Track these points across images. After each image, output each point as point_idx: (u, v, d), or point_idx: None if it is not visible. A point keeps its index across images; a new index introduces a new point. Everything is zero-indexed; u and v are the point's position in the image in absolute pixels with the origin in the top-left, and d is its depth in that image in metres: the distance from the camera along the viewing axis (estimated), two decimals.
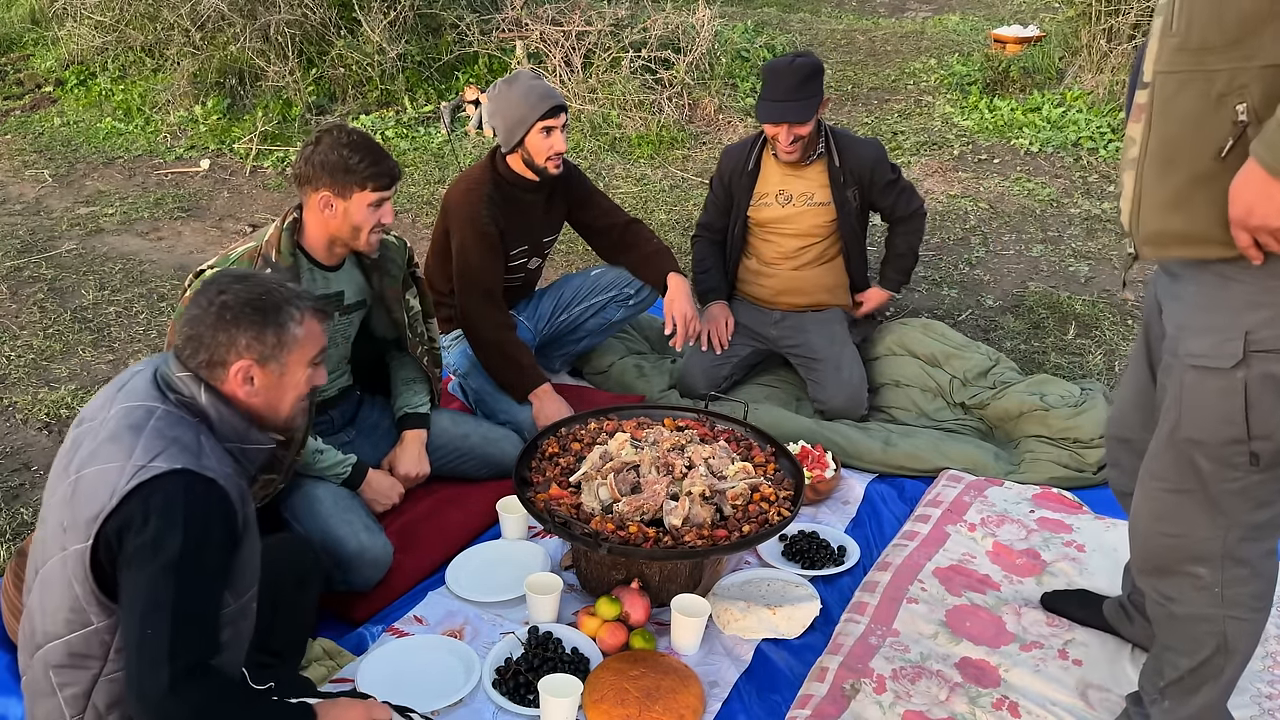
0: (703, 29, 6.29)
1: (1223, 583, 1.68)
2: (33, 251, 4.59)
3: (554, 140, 2.91)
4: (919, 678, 2.14)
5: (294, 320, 1.69)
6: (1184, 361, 1.57)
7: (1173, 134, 1.47)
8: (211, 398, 1.64)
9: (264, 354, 1.66)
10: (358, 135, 2.36)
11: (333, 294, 2.49)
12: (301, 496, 2.44)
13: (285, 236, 2.36)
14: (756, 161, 3.21)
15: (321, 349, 1.76)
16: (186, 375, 1.65)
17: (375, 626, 2.31)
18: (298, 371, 1.71)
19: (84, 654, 1.60)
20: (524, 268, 3.16)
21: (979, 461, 2.87)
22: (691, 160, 5.63)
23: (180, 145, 5.96)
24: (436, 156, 5.69)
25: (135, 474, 1.53)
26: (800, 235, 3.22)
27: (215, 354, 1.64)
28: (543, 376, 2.98)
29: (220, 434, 1.65)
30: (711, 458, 2.40)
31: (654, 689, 2.03)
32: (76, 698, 1.61)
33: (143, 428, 1.58)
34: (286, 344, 1.67)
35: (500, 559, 2.51)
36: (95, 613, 1.57)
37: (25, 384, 3.50)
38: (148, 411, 1.61)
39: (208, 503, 1.55)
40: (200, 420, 1.64)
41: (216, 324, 1.64)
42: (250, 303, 1.66)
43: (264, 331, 1.65)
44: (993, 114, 5.98)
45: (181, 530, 1.50)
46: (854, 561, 2.52)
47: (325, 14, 6.30)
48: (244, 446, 1.68)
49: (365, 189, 2.33)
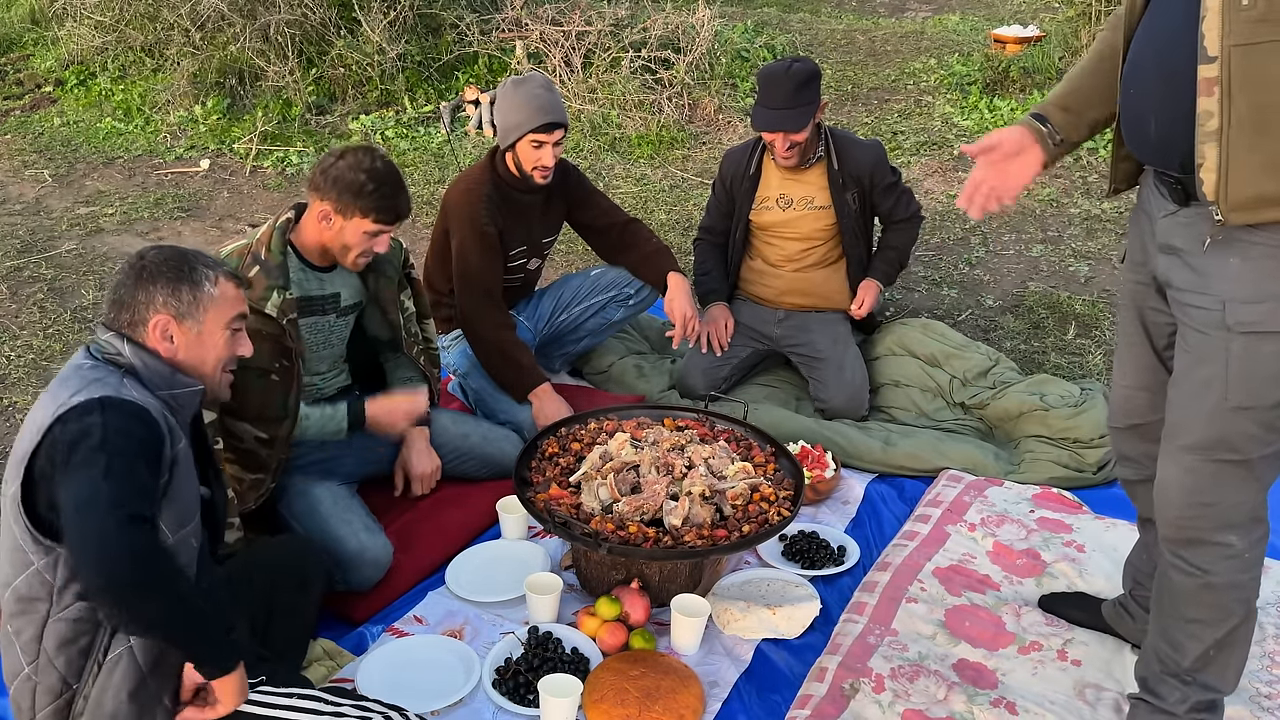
0: (703, 29, 6.29)
1: (1249, 545, 1.75)
2: (33, 251, 4.59)
3: (542, 154, 2.91)
4: (917, 677, 2.14)
5: (208, 280, 1.77)
6: (1234, 331, 1.62)
7: (1266, 101, 1.53)
8: (135, 349, 1.72)
9: (180, 310, 1.73)
10: (383, 165, 2.36)
11: (329, 295, 2.49)
12: (301, 497, 2.44)
13: (277, 235, 2.36)
14: (758, 166, 3.21)
15: (240, 314, 1.82)
16: (111, 335, 1.73)
17: (375, 626, 2.32)
18: (216, 332, 1.78)
19: (30, 597, 1.63)
20: (523, 268, 3.16)
21: (979, 461, 2.87)
22: (691, 160, 5.63)
23: (180, 145, 5.96)
24: (436, 156, 5.69)
25: (57, 410, 1.60)
26: (802, 239, 3.22)
27: (136, 312, 1.73)
28: (543, 376, 2.98)
29: (148, 382, 1.70)
30: (711, 458, 2.41)
31: (654, 689, 2.03)
32: (29, 643, 1.65)
33: (67, 379, 1.67)
34: (201, 301, 1.75)
35: (500, 559, 2.51)
36: (33, 551, 1.61)
37: (25, 384, 3.50)
38: (75, 367, 1.70)
39: (123, 408, 1.61)
40: (126, 372, 1.70)
41: (136, 283, 1.73)
42: (166, 262, 1.75)
43: (179, 287, 1.74)
44: (993, 114, 5.98)
45: (100, 424, 1.56)
46: (854, 561, 2.52)
47: (325, 14, 6.30)
48: (174, 392, 1.73)
49: (367, 218, 2.34)
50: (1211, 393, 1.68)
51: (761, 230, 3.25)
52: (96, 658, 1.66)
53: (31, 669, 1.66)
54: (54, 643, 1.64)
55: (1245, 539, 1.74)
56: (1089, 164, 5.30)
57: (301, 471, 2.49)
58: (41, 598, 1.63)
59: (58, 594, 1.63)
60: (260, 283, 2.29)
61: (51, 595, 1.63)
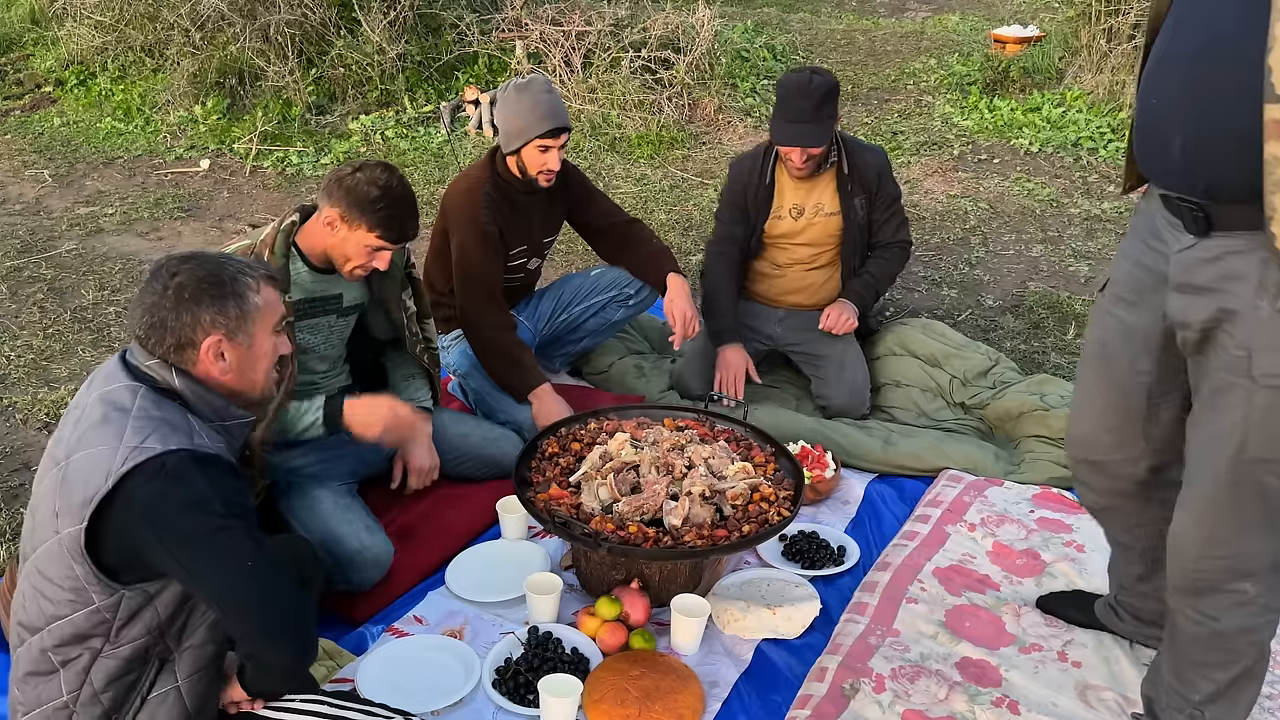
0: (703, 29, 6.29)
1: (1264, 591, 1.68)
2: (33, 251, 4.59)
3: (549, 158, 2.91)
4: (918, 677, 2.14)
5: (251, 289, 1.69)
6: (1260, 383, 1.53)
7: None
8: (185, 380, 1.65)
9: (230, 327, 1.65)
10: (398, 183, 2.35)
11: (331, 295, 2.49)
12: (301, 497, 2.44)
13: (281, 238, 2.36)
14: (771, 175, 3.16)
15: (283, 315, 1.76)
16: (155, 363, 1.65)
17: (375, 626, 2.31)
18: (264, 340, 1.72)
19: (86, 634, 1.61)
20: (523, 268, 3.16)
21: (979, 461, 2.87)
22: (691, 160, 5.63)
23: (180, 145, 5.96)
24: (436, 156, 5.69)
25: (129, 455, 1.53)
26: (811, 244, 3.21)
27: (182, 336, 1.63)
28: (543, 376, 2.98)
29: (201, 415, 1.65)
30: (711, 458, 2.40)
31: (654, 689, 2.03)
32: (76, 675, 1.63)
33: (129, 409, 1.59)
34: (249, 314, 1.68)
35: (500, 559, 2.51)
36: (97, 592, 1.58)
37: (25, 384, 3.50)
38: (130, 391, 1.61)
39: (219, 468, 1.58)
40: (180, 403, 1.64)
41: (177, 305, 1.63)
42: (205, 279, 1.65)
43: (225, 304, 1.65)
44: (993, 114, 5.98)
45: (210, 488, 1.54)
46: (854, 561, 2.52)
47: (325, 14, 6.30)
48: (226, 423, 1.69)
49: (372, 232, 2.33)
50: (1228, 445, 1.59)
51: (773, 238, 3.24)
52: (140, 692, 1.66)
53: (71, 699, 1.64)
54: (103, 678, 1.63)
55: (1260, 585, 1.67)
56: (1089, 164, 5.30)
57: (301, 471, 2.49)
58: (98, 635, 1.61)
59: (115, 633, 1.61)
60: None
61: (109, 633, 1.61)
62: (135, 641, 1.62)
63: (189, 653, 1.68)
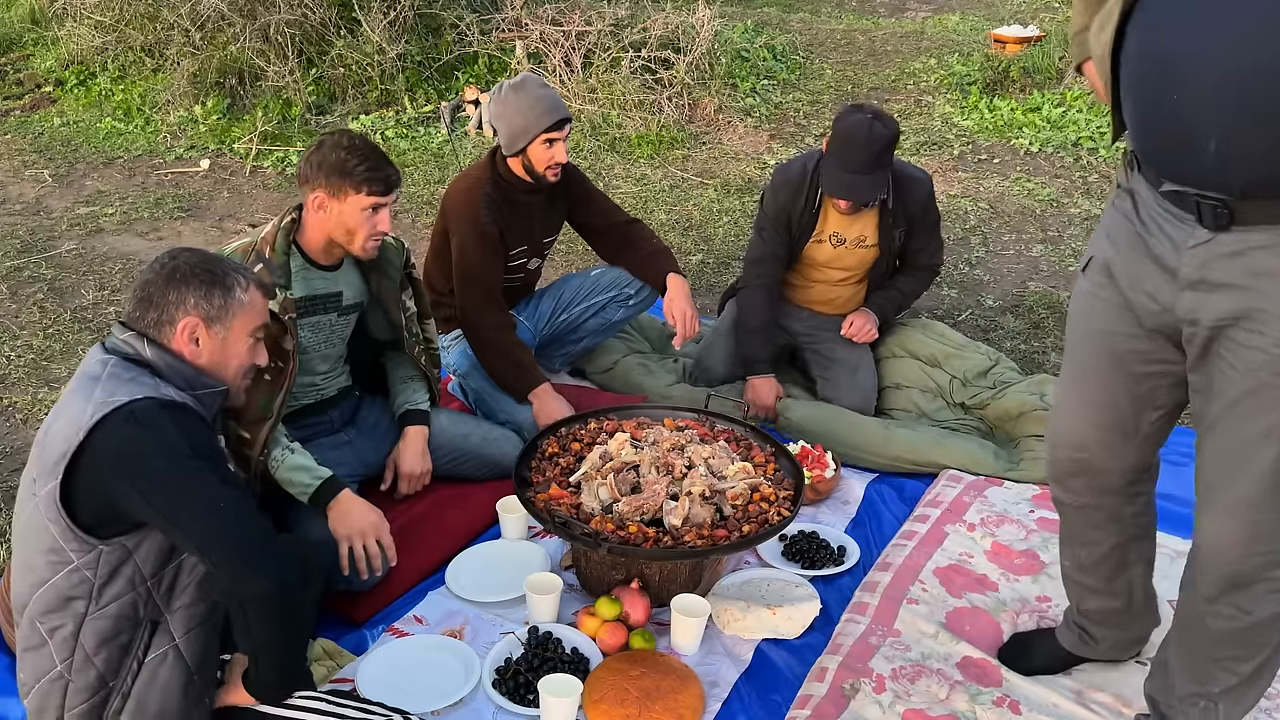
0: (703, 29, 6.29)
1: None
2: (33, 251, 4.59)
3: (556, 151, 2.91)
4: (919, 677, 2.14)
5: (240, 286, 1.77)
6: None
7: None
8: (156, 350, 1.71)
9: (210, 314, 1.74)
10: (360, 140, 2.36)
11: (331, 293, 2.49)
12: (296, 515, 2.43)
13: (281, 235, 2.36)
14: (819, 201, 3.08)
15: (264, 323, 1.83)
16: (130, 335, 1.72)
17: (375, 626, 2.32)
18: (240, 340, 1.78)
19: (69, 595, 1.63)
20: (524, 268, 3.16)
21: (978, 458, 2.87)
22: (691, 160, 5.63)
23: (180, 145, 5.96)
24: (436, 156, 5.69)
25: (98, 409, 1.59)
26: (845, 269, 3.22)
27: (165, 312, 1.72)
28: (542, 376, 2.98)
29: (174, 383, 1.70)
30: (711, 458, 2.40)
31: (654, 689, 2.03)
32: (65, 640, 1.65)
33: (99, 376, 1.65)
34: (232, 308, 1.76)
35: (500, 559, 2.51)
36: (75, 549, 1.61)
37: (25, 384, 3.50)
38: (101, 363, 1.69)
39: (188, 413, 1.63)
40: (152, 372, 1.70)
41: (168, 284, 1.72)
42: (199, 266, 1.76)
43: (211, 292, 1.74)
44: (993, 114, 5.98)
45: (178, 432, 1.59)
46: (854, 561, 2.52)
47: (325, 14, 6.30)
48: (197, 392, 1.72)
49: (360, 192, 2.32)
50: (1271, 444, 1.52)
51: (808, 260, 3.23)
52: (136, 655, 1.67)
53: (65, 667, 1.65)
54: (93, 640, 1.65)
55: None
56: (1089, 164, 5.30)
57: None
58: (80, 596, 1.63)
59: (98, 591, 1.63)
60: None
61: (91, 593, 1.63)
62: (120, 599, 1.64)
63: (181, 612, 1.70)
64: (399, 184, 2.40)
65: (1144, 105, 1.50)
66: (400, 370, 2.74)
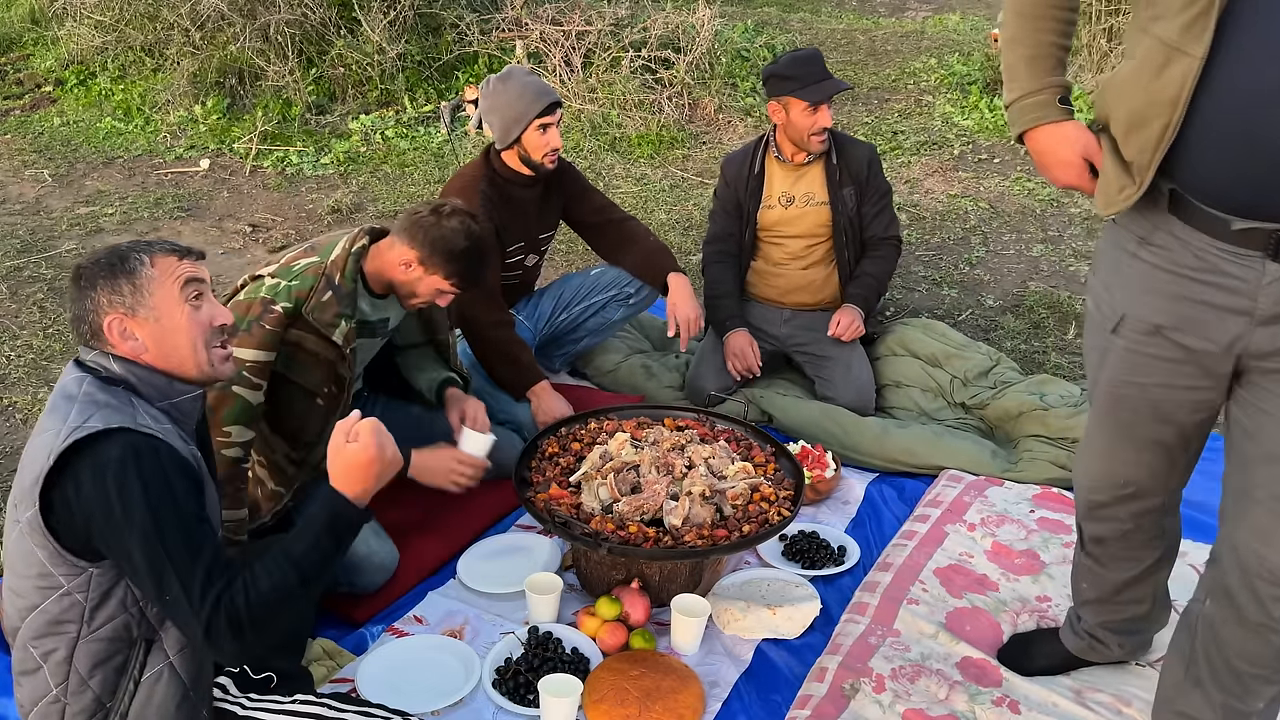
0: (703, 29, 6.29)
1: None
2: (33, 251, 4.59)
3: (550, 137, 2.92)
4: (918, 677, 2.14)
5: (143, 264, 1.66)
6: None
7: None
8: (123, 365, 1.65)
9: (127, 304, 1.64)
10: (481, 234, 2.37)
11: (381, 320, 2.50)
12: (310, 500, 2.43)
13: (352, 262, 2.32)
14: (761, 164, 3.22)
15: (191, 280, 1.69)
16: (96, 354, 1.66)
17: (375, 626, 2.32)
18: (173, 311, 1.65)
19: (60, 619, 1.60)
20: (521, 264, 3.16)
21: (976, 458, 2.87)
22: (691, 160, 5.62)
23: (180, 145, 5.96)
24: (436, 156, 5.69)
25: (70, 434, 1.53)
26: (803, 235, 3.22)
27: (91, 321, 1.64)
28: (541, 374, 2.98)
29: (148, 397, 1.64)
30: (711, 458, 2.40)
31: (654, 689, 2.03)
32: (59, 665, 1.62)
33: (75, 396, 1.60)
34: (142, 286, 1.64)
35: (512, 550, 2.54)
36: (64, 573, 1.58)
37: (25, 384, 3.50)
38: (77, 380, 1.63)
39: (156, 455, 1.54)
40: (126, 389, 1.63)
41: (81, 292, 1.65)
42: (99, 262, 1.66)
43: (117, 282, 1.64)
44: (993, 114, 5.98)
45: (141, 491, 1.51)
46: (854, 561, 2.52)
47: (325, 14, 6.30)
48: (174, 401, 1.67)
49: (448, 280, 2.35)
50: None
51: (765, 230, 3.25)
52: (132, 674, 1.64)
53: (60, 690, 1.62)
54: (87, 663, 1.61)
55: None
56: None
57: None
58: (72, 619, 1.60)
59: (90, 614, 1.60)
60: (331, 308, 2.26)
61: (83, 616, 1.60)
62: (113, 621, 1.61)
63: (174, 629, 1.66)
64: (478, 283, 2.45)
65: (1239, 141, 1.43)
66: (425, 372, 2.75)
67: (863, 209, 3.22)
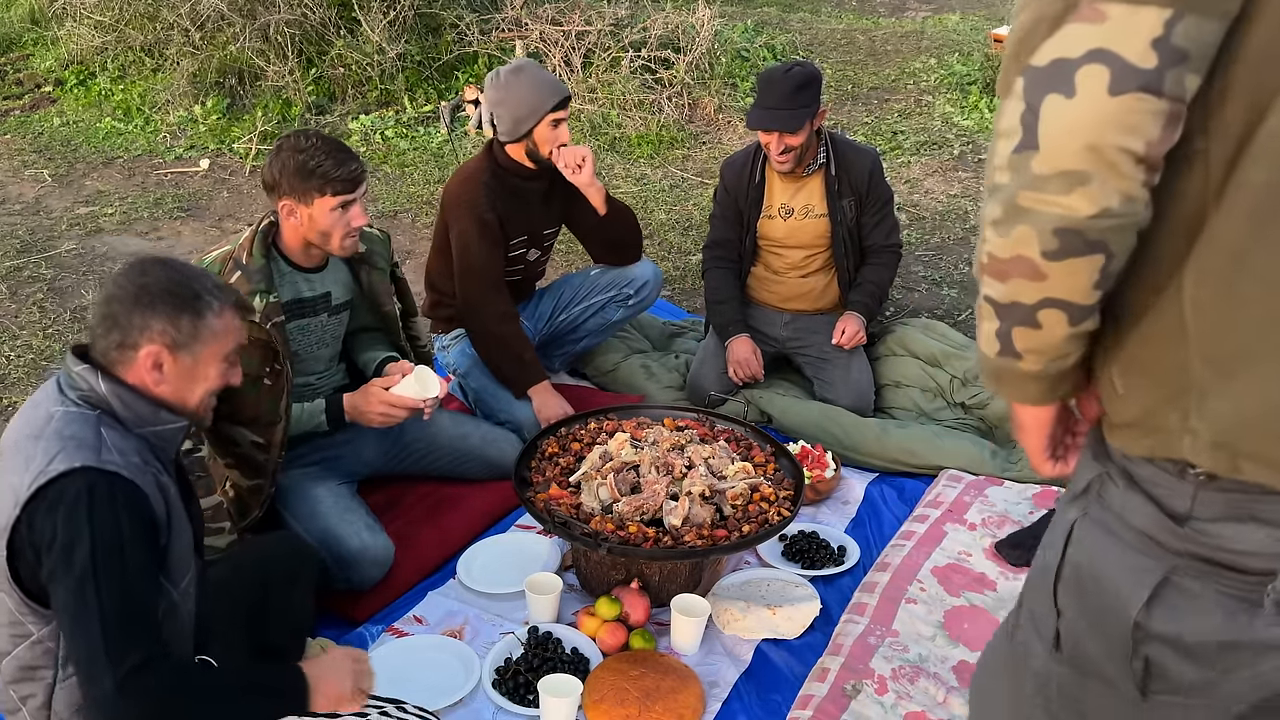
0: (703, 29, 6.29)
1: None
2: (32, 251, 4.59)
3: (561, 132, 2.90)
4: (918, 678, 2.14)
5: (212, 310, 1.63)
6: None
7: None
8: (111, 385, 1.58)
9: (177, 340, 1.60)
10: (317, 139, 2.28)
11: (319, 295, 2.47)
12: (301, 497, 2.44)
13: (258, 239, 2.31)
14: (761, 174, 3.18)
15: (239, 346, 1.70)
16: (84, 368, 1.59)
17: (375, 626, 2.32)
18: (210, 365, 1.65)
19: (33, 665, 1.57)
20: (523, 259, 3.14)
21: (975, 457, 2.87)
22: (691, 160, 5.62)
23: (180, 145, 5.96)
24: (436, 156, 5.69)
25: (35, 479, 1.48)
26: (803, 246, 3.21)
27: (128, 335, 1.58)
28: (543, 373, 2.97)
29: (126, 421, 1.59)
30: (711, 458, 2.40)
31: (654, 689, 2.03)
32: (39, 709, 1.59)
33: (41, 434, 1.54)
34: (201, 334, 1.62)
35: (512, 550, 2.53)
36: (32, 622, 1.55)
37: (25, 384, 3.50)
38: (47, 416, 1.56)
39: (113, 499, 1.49)
40: (101, 411, 1.58)
41: (134, 305, 1.58)
42: (170, 288, 1.60)
43: (179, 317, 1.59)
44: (993, 114, 5.98)
45: (89, 533, 1.46)
46: (854, 561, 2.52)
47: (325, 14, 6.30)
48: (156, 429, 1.62)
49: (325, 194, 2.26)
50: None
51: (765, 239, 3.24)
52: None
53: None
54: (67, 709, 1.58)
55: None
56: None
57: (302, 471, 2.48)
58: (45, 665, 1.57)
59: (63, 660, 1.57)
60: (242, 287, 2.23)
61: (56, 662, 1.57)
62: None
63: (74, 677, 1.60)
64: (364, 177, 2.33)
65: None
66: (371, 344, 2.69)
67: (863, 219, 3.19)
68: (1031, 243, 0.93)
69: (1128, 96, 0.86)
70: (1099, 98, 0.86)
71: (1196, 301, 0.95)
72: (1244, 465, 0.95)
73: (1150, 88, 0.85)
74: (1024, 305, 0.98)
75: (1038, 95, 0.89)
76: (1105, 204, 0.89)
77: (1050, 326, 0.98)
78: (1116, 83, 0.86)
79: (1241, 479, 0.96)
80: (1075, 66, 0.87)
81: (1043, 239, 0.92)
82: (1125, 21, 0.85)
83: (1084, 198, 0.89)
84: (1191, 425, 0.97)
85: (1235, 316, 0.93)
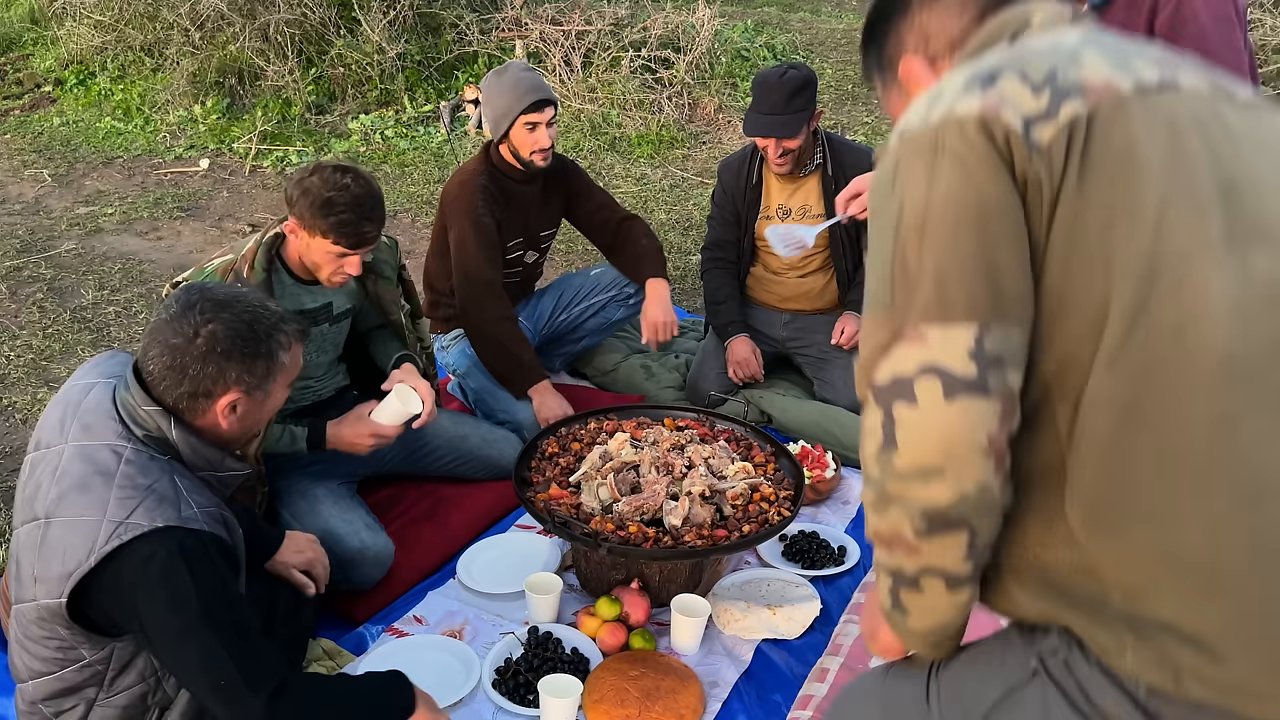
0: (703, 28, 6.29)
1: None
2: (32, 251, 4.59)
3: (538, 136, 2.90)
4: None
5: (282, 348, 1.67)
6: None
7: None
8: (182, 432, 1.59)
9: (252, 385, 1.63)
10: (353, 183, 2.22)
11: (320, 306, 2.45)
12: (301, 497, 2.43)
13: (262, 252, 2.29)
14: (759, 176, 3.18)
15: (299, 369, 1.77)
16: (154, 410, 1.58)
17: (375, 626, 2.31)
18: (279, 396, 1.72)
19: (78, 686, 1.60)
20: (520, 261, 3.15)
21: None
22: (691, 160, 5.62)
23: (180, 145, 5.96)
24: (436, 156, 5.69)
25: (114, 532, 1.48)
26: None
27: (201, 386, 1.58)
28: (543, 373, 2.97)
29: (192, 465, 1.61)
30: (711, 458, 2.40)
31: (654, 689, 2.03)
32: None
33: (112, 474, 1.53)
34: (274, 373, 1.66)
35: (512, 550, 2.53)
36: (87, 649, 1.58)
37: (25, 384, 3.50)
38: (114, 453, 1.55)
39: (205, 554, 1.52)
40: (170, 457, 1.59)
41: (205, 356, 1.58)
42: (240, 334, 1.60)
43: (255, 364, 1.62)
44: None
45: (194, 588, 1.49)
46: (854, 561, 2.52)
47: (325, 13, 6.30)
48: (218, 474, 1.66)
49: (329, 239, 2.23)
50: None
51: (763, 239, 3.24)
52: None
53: None
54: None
55: None
56: None
57: (301, 471, 2.48)
58: (91, 684, 1.60)
59: (110, 681, 1.60)
60: None
61: (102, 682, 1.60)
62: (130, 689, 1.61)
63: (188, 696, 1.66)
64: (374, 241, 2.28)
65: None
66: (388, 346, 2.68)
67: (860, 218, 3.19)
68: (904, 523, 1.08)
69: (961, 400, 1.00)
70: (938, 404, 1.00)
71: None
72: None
73: (977, 390, 0.99)
74: (907, 572, 1.12)
75: (888, 404, 1.04)
76: (961, 491, 1.03)
77: (931, 590, 1.12)
78: (949, 390, 1.00)
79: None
80: (913, 380, 1.01)
81: (913, 520, 1.07)
82: (943, 340, 1.00)
83: (941, 488, 1.03)
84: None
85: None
